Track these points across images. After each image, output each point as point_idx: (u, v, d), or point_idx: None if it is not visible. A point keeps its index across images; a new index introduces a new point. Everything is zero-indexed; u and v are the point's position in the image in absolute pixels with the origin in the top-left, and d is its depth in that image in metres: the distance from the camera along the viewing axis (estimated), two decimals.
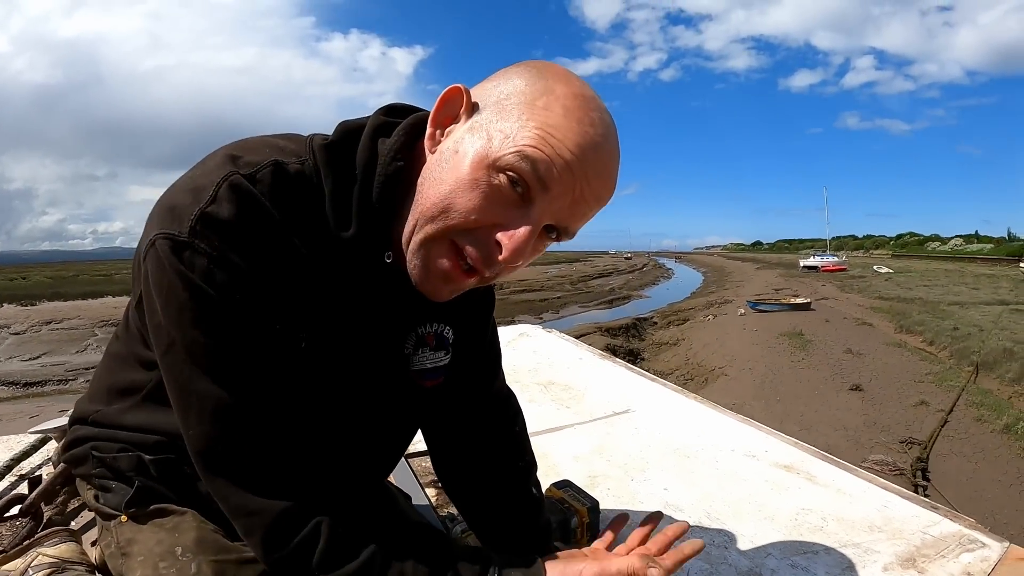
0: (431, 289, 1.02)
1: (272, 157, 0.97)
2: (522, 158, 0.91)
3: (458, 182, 0.93)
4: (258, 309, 0.93)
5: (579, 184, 0.94)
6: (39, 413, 16.26)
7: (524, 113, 0.93)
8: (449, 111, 1.00)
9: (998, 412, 13.75)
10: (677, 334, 27.50)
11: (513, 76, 0.99)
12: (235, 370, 0.94)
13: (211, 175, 0.93)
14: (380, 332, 1.15)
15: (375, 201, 1.01)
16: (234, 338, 0.93)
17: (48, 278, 74.08)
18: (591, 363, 3.40)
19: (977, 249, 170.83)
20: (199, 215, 0.89)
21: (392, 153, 1.01)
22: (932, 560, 1.57)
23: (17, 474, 2.04)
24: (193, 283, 0.89)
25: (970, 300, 35.29)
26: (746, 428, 2.43)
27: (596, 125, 0.94)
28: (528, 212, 0.94)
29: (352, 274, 1.03)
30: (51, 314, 36.47)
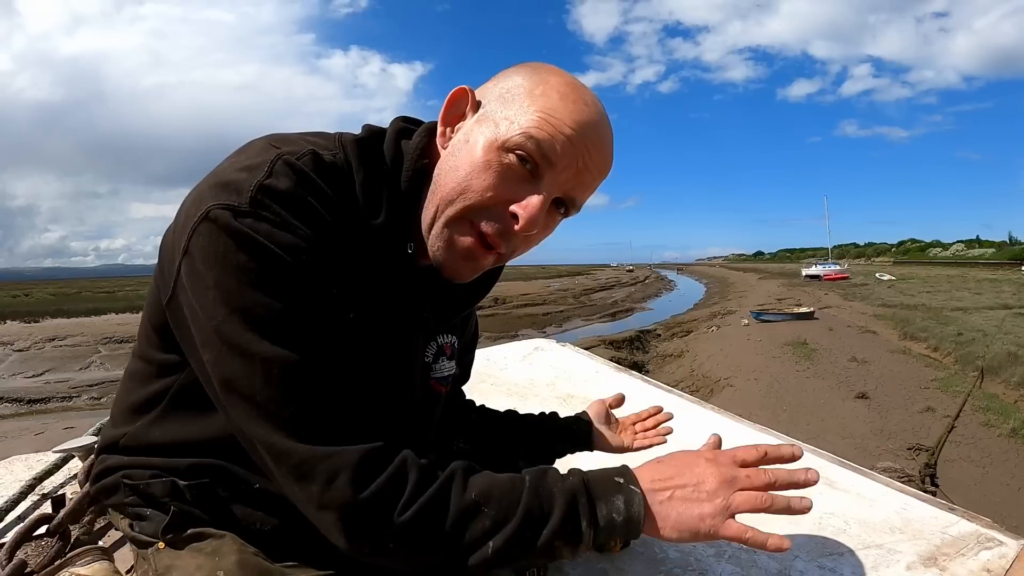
0: (454, 269, 1.12)
1: (309, 147, 1.04)
2: (528, 138, 1.02)
3: (472, 166, 1.04)
4: (320, 275, 0.98)
5: (581, 157, 1.06)
6: (44, 430, 16.24)
7: (525, 101, 1.05)
8: (457, 110, 1.12)
9: (1004, 416, 13.76)
10: (681, 346, 27.43)
11: (511, 74, 1.12)
12: (300, 331, 0.96)
13: (262, 155, 1.00)
14: (406, 336, 1.23)
15: (403, 192, 1.11)
16: (299, 300, 0.96)
17: (51, 295, 73.91)
18: (607, 376, 3.43)
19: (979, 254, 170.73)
20: (258, 186, 0.95)
21: (419, 151, 1.13)
22: (952, 558, 1.62)
23: (39, 493, 2.04)
24: (258, 243, 0.93)
25: (973, 305, 35.25)
26: (766, 437, 2.46)
27: (590, 105, 1.07)
28: (538, 186, 1.05)
29: (378, 261, 1.10)
30: (54, 331, 36.42)
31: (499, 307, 50.04)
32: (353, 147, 1.10)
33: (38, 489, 2.03)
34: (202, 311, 0.97)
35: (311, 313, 0.97)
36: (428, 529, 0.96)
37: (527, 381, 3.40)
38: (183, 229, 0.98)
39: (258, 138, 1.09)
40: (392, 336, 1.19)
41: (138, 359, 1.22)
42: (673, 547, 1.71)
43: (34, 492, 2.01)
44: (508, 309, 49.27)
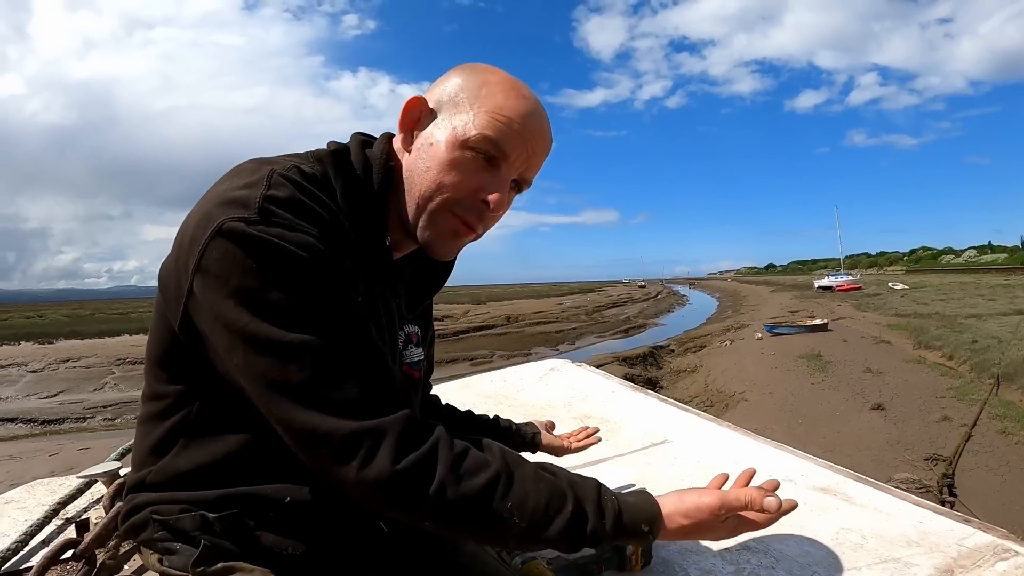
0: (442, 249, 1.30)
1: (292, 163, 1.16)
2: (484, 138, 1.20)
3: (441, 164, 1.22)
4: (334, 266, 1.07)
5: (529, 144, 1.25)
6: (59, 451, 16.25)
7: (474, 103, 1.22)
8: (413, 116, 1.28)
9: (1022, 423, 13.64)
10: (695, 361, 27.32)
11: (454, 77, 1.28)
12: (323, 318, 1.03)
13: (257, 173, 1.10)
14: (390, 325, 1.37)
15: (377, 192, 1.26)
16: (318, 290, 1.04)
17: (65, 316, 74.04)
18: (624, 395, 3.45)
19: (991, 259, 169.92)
20: (263, 197, 1.04)
21: (384, 156, 1.28)
22: (969, 570, 1.63)
23: (63, 518, 2.07)
24: (272, 244, 1.00)
25: (987, 312, 34.97)
26: (781, 453, 2.49)
27: (528, 98, 1.25)
28: (498, 174, 1.24)
29: (362, 257, 1.22)
30: (68, 352, 36.35)
31: (512, 325, 50.01)
32: (328, 159, 1.23)
33: (62, 514, 2.06)
34: (225, 319, 1.02)
35: (332, 300, 1.05)
36: (467, 502, 1.04)
37: (544, 402, 3.43)
38: (190, 251, 1.04)
39: (245, 161, 1.20)
40: (383, 326, 1.32)
41: (149, 401, 1.27)
42: (693, 565, 1.74)
43: (58, 517, 2.04)
44: (521, 327, 49.17)
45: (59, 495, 2.14)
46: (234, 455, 1.19)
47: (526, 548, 1.12)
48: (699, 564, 1.74)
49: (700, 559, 1.77)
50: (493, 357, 31.87)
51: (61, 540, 1.67)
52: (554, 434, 2.10)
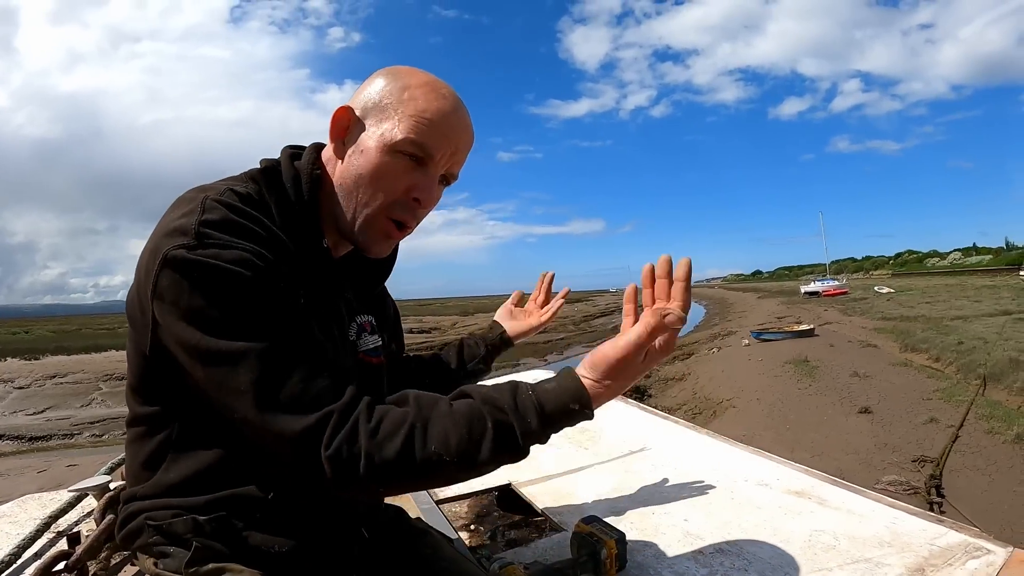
0: (377, 249, 1.38)
1: (227, 186, 1.23)
2: (408, 141, 1.26)
3: (373, 170, 1.29)
4: (270, 276, 1.12)
5: (452, 141, 1.32)
6: (47, 468, 16.12)
7: (398, 108, 1.28)
8: (342, 126, 1.34)
9: (1008, 423, 13.69)
10: (683, 369, 27.33)
11: (377, 84, 1.33)
12: (266, 325, 1.09)
13: (192, 202, 1.16)
14: (340, 319, 1.44)
15: (307, 202, 1.32)
16: (258, 301, 1.10)
17: (51, 332, 73.59)
18: (605, 404, 3.47)
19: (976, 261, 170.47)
20: (199, 223, 1.10)
21: (310, 166, 1.35)
22: (940, 569, 1.66)
23: (55, 531, 2.09)
24: (211, 265, 1.07)
25: (973, 313, 35.20)
26: (757, 459, 2.52)
27: (448, 97, 1.31)
28: (426, 172, 1.32)
29: (302, 261, 1.28)
30: (55, 368, 36.29)
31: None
32: (260, 177, 1.31)
33: (53, 527, 2.08)
34: (183, 340, 1.10)
35: (270, 307, 1.11)
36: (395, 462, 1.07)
37: None
38: (146, 281, 1.12)
39: (187, 191, 1.25)
40: (328, 322, 1.37)
41: (132, 426, 1.35)
42: (667, 568, 1.77)
43: (49, 530, 2.05)
44: None
45: (50, 509, 2.15)
46: (219, 462, 1.25)
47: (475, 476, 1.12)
48: (673, 567, 1.77)
49: (674, 562, 1.79)
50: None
51: (53, 552, 1.69)
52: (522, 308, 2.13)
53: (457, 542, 1.95)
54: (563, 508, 2.24)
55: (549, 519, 2.19)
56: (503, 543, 2.10)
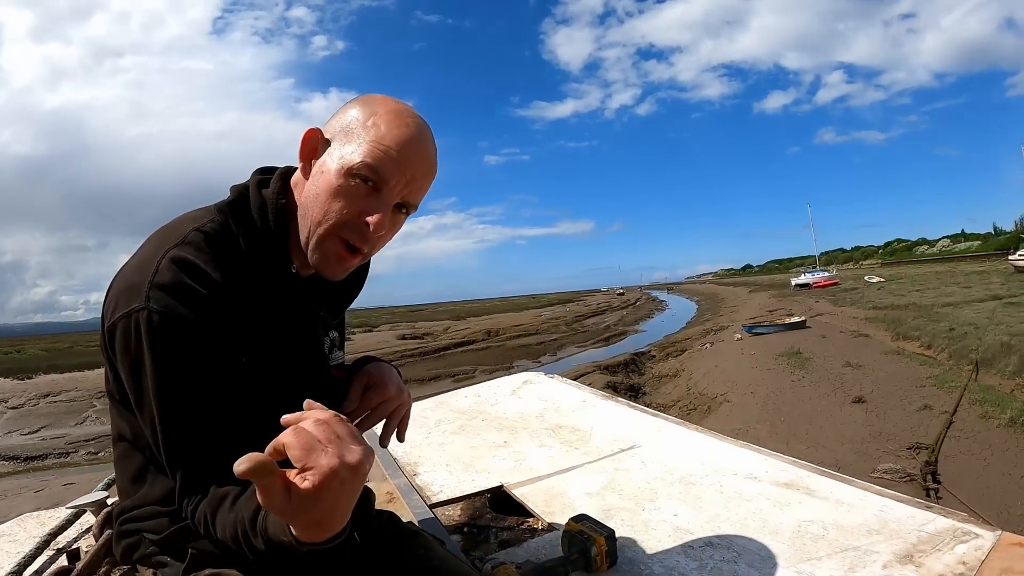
0: (330, 271, 1.39)
1: (190, 227, 1.32)
2: (364, 165, 1.29)
3: (329, 190, 1.31)
4: (202, 347, 1.23)
5: (408, 170, 1.33)
6: (43, 487, 16.01)
7: (361, 132, 1.31)
8: (311, 147, 1.37)
9: (1002, 407, 13.72)
10: (676, 365, 27.33)
11: (349, 109, 1.37)
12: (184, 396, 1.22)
13: (152, 255, 1.27)
14: (307, 336, 1.51)
15: (273, 231, 1.38)
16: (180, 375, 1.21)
17: (43, 350, 73.20)
18: (595, 404, 3.49)
19: (965, 248, 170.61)
20: (149, 285, 1.22)
21: (275, 196, 1.40)
22: (928, 554, 1.68)
23: (55, 548, 2.12)
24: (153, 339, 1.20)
25: (963, 299, 35.25)
26: (746, 452, 2.54)
27: (410, 127, 1.33)
28: (380, 198, 1.32)
29: (271, 288, 1.37)
30: (48, 387, 36.11)
31: (492, 340, 49.98)
32: (228, 210, 1.38)
33: (53, 544, 2.11)
34: (131, 390, 1.27)
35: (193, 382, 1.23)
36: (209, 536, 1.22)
37: (517, 415, 3.46)
38: (108, 321, 1.27)
39: (159, 230, 1.38)
40: (300, 342, 1.47)
41: (117, 443, 1.45)
42: (657, 563, 1.78)
43: (49, 547, 2.08)
44: (502, 341, 49.15)
45: (49, 527, 2.18)
46: None
47: None
48: (663, 562, 1.78)
49: (664, 557, 1.81)
50: (475, 373, 31.80)
51: (54, 569, 1.73)
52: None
53: (450, 543, 1.96)
54: (555, 508, 2.25)
55: (541, 519, 2.20)
56: (496, 544, 2.12)
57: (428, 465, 2.84)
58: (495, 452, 2.91)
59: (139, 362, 1.22)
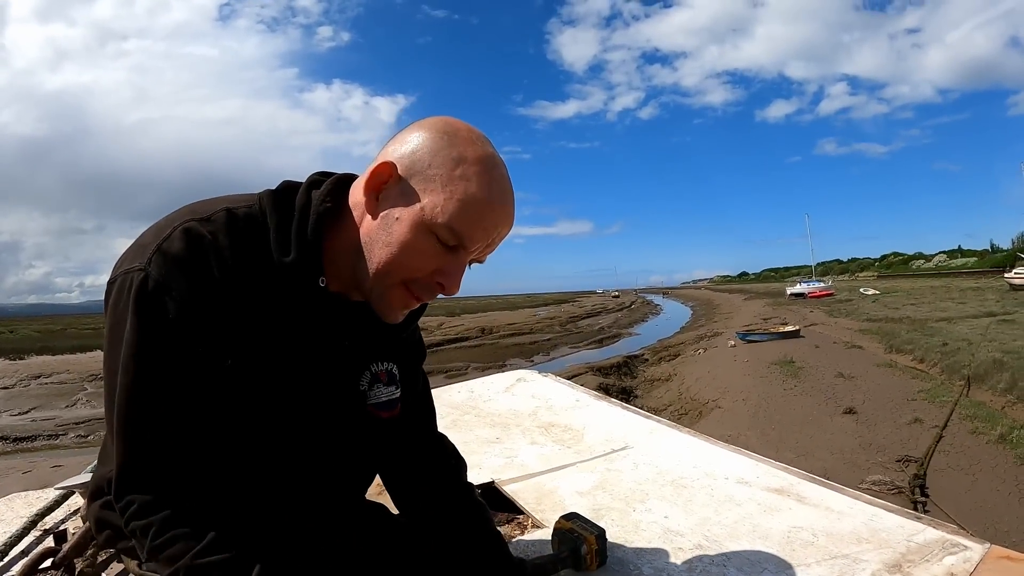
0: (389, 316, 1.30)
1: (223, 206, 1.25)
2: (449, 229, 1.19)
3: (403, 244, 1.21)
4: (187, 329, 1.16)
5: (492, 232, 1.25)
6: (32, 468, 15.97)
7: (447, 184, 1.19)
8: (380, 180, 1.24)
9: (992, 423, 13.75)
10: (669, 370, 27.32)
11: (428, 141, 1.23)
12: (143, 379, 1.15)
13: (172, 220, 1.21)
14: (333, 368, 1.39)
15: (310, 234, 1.25)
16: (155, 351, 1.15)
17: (36, 332, 72.90)
18: (588, 404, 3.50)
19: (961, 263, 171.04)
20: (154, 250, 1.16)
21: (322, 197, 1.28)
22: (917, 564, 1.68)
23: (41, 529, 2.11)
24: (140, 303, 1.14)
25: (958, 315, 35.31)
26: (738, 457, 2.54)
27: (498, 181, 1.23)
28: (457, 258, 1.24)
29: (292, 297, 1.26)
30: (40, 368, 35.93)
31: (486, 337, 49.91)
32: (269, 199, 1.28)
33: (40, 525, 2.09)
34: (105, 345, 1.21)
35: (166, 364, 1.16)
36: None
37: (509, 412, 3.47)
38: (108, 284, 1.22)
39: (193, 203, 1.30)
40: (305, 366, 1.33)
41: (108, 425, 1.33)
42: (647, 564, 1.78)
43: (36, 528, 2.07)
44: (495, 339, 49.11)
45: (37, 507, 2.16)
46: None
47: None
48: (653, 563, 1.78)
49: (654, 558, 1.81)
50: (468, 369, 31.76)
51: (40, 550, 1.71)
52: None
53: None
54: (545, 506, 2.25)
55: (531, 516, 2.20)
56: None
57: None
58: (487, 448, 2.92)
59: (119, 324, 1.16)
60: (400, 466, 1.65)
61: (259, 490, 1.32)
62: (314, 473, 1.39)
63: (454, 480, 1.69)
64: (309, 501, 1.40)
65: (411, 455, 1.65)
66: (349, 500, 1.58)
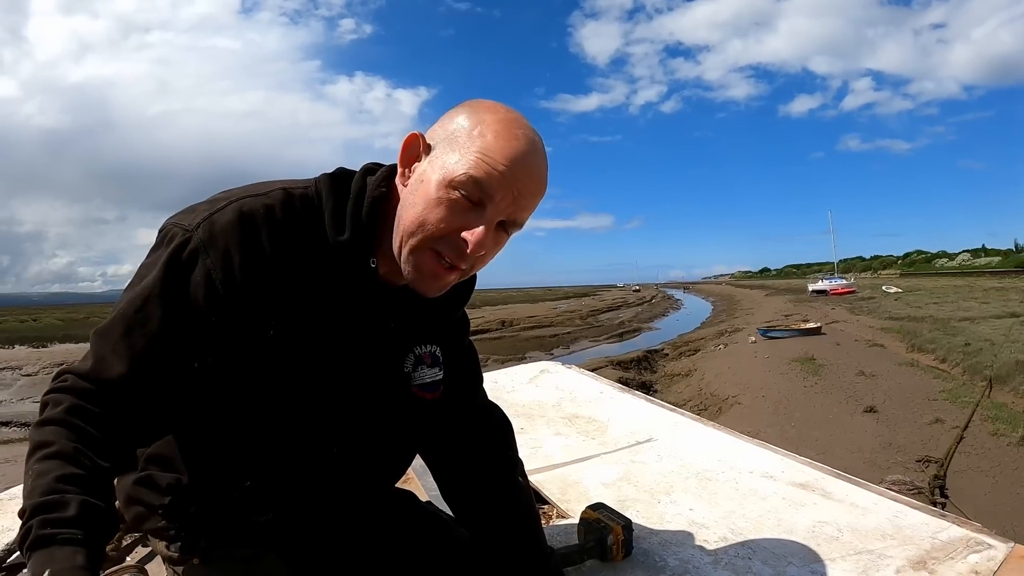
0: (423, 287, 1.29)
1: (280, 186, 1.29)
2: (468, 178, 1.19)
3: (427, 202, 1.22)
4: (210, 301, 1.18)
5: (515, 186, 1.22)
6: None
7: (466, 142, 1.22)
8: (412, 152, 1.30)
9: (1013, 425, 13.62)
10: (689, 365, 27.21)
11: (455, 115, 1.28)
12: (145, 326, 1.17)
13: (232, 195, 1.25)
14: (378, 351, 1.42)
15: (364, 216, 1.29)
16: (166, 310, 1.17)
17: (59, 320, 73.47)
18: (612, 396, 3.52)
19: (985, 263, 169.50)
20: (207, 216, 1.20)
21: (378, 182, 1.32)
22: (941, 562, 1.69)
23: None
24: (172, 261, 1.18)
25: (980, 315, 34.94)
26: (763, 451, 2.55)
27: (520, 139, 1.23)
28: (482, 214, 1.22)
29: (341, 275, 1.29)
30: (63, 356, 36.00)
31: (506, 330, 49.89)
32: (326, 181, 1.32)
33: None
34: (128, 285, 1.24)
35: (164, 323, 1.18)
36: None
37: (534, 403, 3.47)
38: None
39: (246, 185, 1.32)
40: (350, 344, 1.36)
41: None
42: (672, 555, 1.79)
43: None
44: (515, 332, 49.08)
45: None
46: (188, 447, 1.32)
47: None
48: (678, 554, 1.80)
49: (679, 550, 1.82)
50: (488, 361, 31.73)
51: None
52: None
53: None
54: (570, 496, 2.27)
55: (557, 506, 2.22)
56: None
57: None
58: None
59: (147, 267, 1.21)
60: (442, 444, 1.68)
61: (292, 466, 1.35)
62: (351, 453, 1.41)
63: (495, 458, 1.73)
64: (343, 482, 1.43)
65: (454, 432, 1.67)
66: (382, 484, 1.60)
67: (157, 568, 1.69)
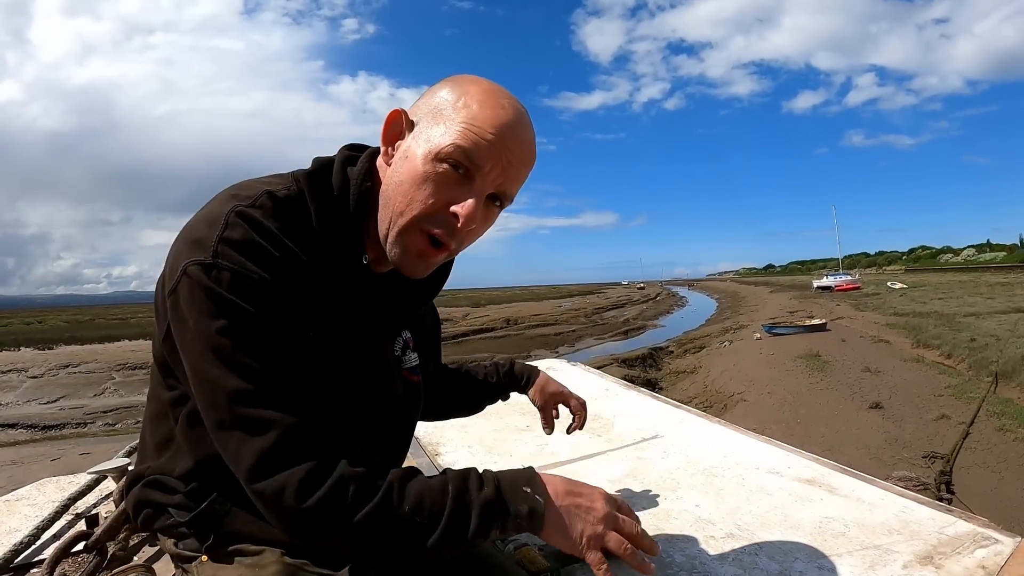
0: (411, 269, 1.28)
1: (263, 189, 1.21)
2: (455, 148, 1.17)
3: (414, 178, 1.20)
4: (274, 309, 1.13)
5: (503, 155, 1.21)
6: (60, 456, 16.13)
7: (451, 114, 1.20)
8: (394, 130, 1.28)
9: (1019, 420, 13.63)
10: (694, 362, 27.26)
11: (437, 90, 1.27)
12: (252, 363, 1.10)
13: (220, 208, 1.16)
14: (375, 334, 1.40)
15: (352, 214, 1.28)
16: (253, 336, 1.11)
17: (64, 322, 73.69)
18: (617, 393, 3.52)
19: (990, 258, 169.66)
20: (218, 240, 1.11)
21: (361, 176, 1.29)
22: (948, 557, 1.68)
23: (73, 513, 2.14)
24: (221, 295, 1.09)
25: (986, 310, 34.96)
26: (769, 447, 2.54)
27: (506, 108, 1.22)
28: (471, 187, 1.21)
29: (337, 275, 1.27)
30: (68, 358, 36.43)
31: (511, 328, 50.00)
32: (305, 180, 1.27)
33: (72, 509, 2.12)
34: (186, 350, 1.14)
35: (269, 345, 1.12)
36: (371, 533, 1.11)
37: None
38: (167, 282, 1.16)
39: (222, 191, 1.25)
40: (363, 339, 1.35)
41: (152, 401, 1.38)
42: (679, 551, 1.78)
43: (68, 512, 2.09)
44: (520, 330, 49.19)
45: (68, 492, 2.20)
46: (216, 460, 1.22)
47: (447, 544, 1.14)
48: (684, 551, 1.79)
49: (686, 546, 1.82)
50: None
51: (73, 533, 1.73)
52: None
53: None
54: None
55: None
56: None
57: (450, 446, 2.87)
58: (517, 436, 2.94)
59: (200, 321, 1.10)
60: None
61: None
62: (371, 448, 1.40)
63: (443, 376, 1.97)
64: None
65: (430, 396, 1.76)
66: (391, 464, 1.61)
67: (164, 568, 1.70)
